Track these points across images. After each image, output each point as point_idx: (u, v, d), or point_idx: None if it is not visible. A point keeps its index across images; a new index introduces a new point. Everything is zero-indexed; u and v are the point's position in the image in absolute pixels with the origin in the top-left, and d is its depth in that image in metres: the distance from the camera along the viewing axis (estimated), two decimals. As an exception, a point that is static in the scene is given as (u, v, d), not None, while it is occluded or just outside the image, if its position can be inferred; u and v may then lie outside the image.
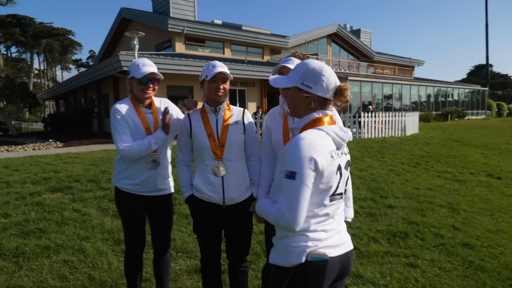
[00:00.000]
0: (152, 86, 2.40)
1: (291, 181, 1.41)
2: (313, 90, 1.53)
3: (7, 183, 5.72)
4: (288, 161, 1.44)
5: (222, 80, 2.23)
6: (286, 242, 1.51)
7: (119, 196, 2.44)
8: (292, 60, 2.24)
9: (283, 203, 1.44)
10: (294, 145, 1.44)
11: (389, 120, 13.84)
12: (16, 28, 51.96)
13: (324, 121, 1.55)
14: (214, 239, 2.38)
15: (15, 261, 3.25)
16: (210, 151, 2.23)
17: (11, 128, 24.44)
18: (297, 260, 1.47)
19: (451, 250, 3.82)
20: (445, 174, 7.78)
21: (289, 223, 1.42)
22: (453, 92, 32.08)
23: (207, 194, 2.26)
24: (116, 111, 2.33)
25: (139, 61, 2.39)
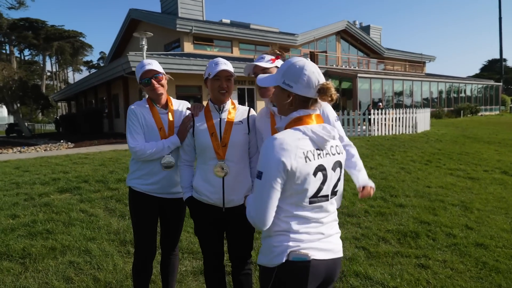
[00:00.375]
0: (157, 82, 2.35)
1: (258, 181, 1.44)
2: (293, 89, 1.50)
3: (17, 184, 5.78)
4: (259, 161, 1.46)
5: (226, 78, 2.16)
6: (269, 242, 1.52)
7: (133, 197, 2.41)
8: (263, 58, 2.15)
9: (251, 202, 1.50)
10: (265, 146, 1.45)
11: (400, 117, 13.63)
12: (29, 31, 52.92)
13: (306, 121, 1.50)
14: (216, 242, 2.32)
15: (21, 262, 3.26)
16: (212, 151, 2.17)
17: (24, 130, 24.86)
18: (278, 260, 1.46)
19: (464, 251, 3.71)
20: (458, 171, 7.60)
21: (255, 222, 1.47)
22: (465, 87, 31.51)
23: (206, 196, 2.19)
24: (130, 111, 2.35)
25: (139, 64, 2.38)
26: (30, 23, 52.65)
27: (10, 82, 21.70)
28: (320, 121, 1.55)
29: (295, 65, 1.50)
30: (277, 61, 2.11)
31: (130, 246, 3.62)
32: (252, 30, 23.80)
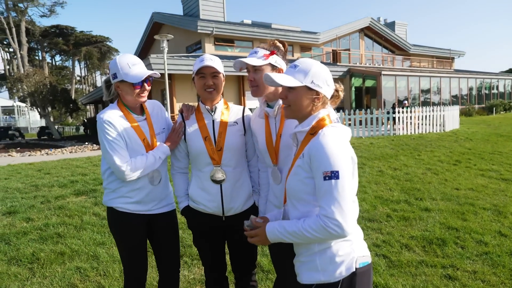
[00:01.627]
0: (147, 88, 2.00)
1: (335, 181, 1.29)
2: (322, 89, 1.48)
3: (36, 187, 5.87)
4: (325, 161, 1.31)
5: (211, 75, 1.95)
6: (330, 254, 1.37)
7: (116, 219, 2.04)
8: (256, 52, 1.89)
9: (329, 207, 1.29)
10: (324, 144, 1.34)
11: (427, 115, 13.06)
12: (59, 38, 54.99)
13: (328, 119, 1.50)
14: (217, 253, 2.15)
15: (29, 267, 3.23)
16: (207, 156, 1.98)
17: (54, 132, 25.74)
18: (347, 270, 1.36)
19: (496, 260, 3.38)
20: (490, 172, 7.12)
21: (343, 228, 1.28)
22: (498, 83, 30.01)
23: (203, 205, 2.02)
24: (107, 123, 1.90)
25: (125, 59, 1.95)
26: (61, 29, 54.68)
27: (41, 87, 22.50)
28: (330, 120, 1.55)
29: (319, 66, 1.50)
30: (271, 57, 1.87)
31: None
32: (274, 29, 23.61)
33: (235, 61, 1.93)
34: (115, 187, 2.02)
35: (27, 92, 22.07)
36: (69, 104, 26.25)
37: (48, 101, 23.79)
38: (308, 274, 1.41)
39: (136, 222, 2.05)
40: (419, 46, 32.55)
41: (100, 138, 1.95)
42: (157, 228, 2.15)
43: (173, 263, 2.24)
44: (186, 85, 17.04)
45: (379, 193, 5.54)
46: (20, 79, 22.26)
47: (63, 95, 25.45)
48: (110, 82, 2.05)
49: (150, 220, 2.12)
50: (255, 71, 1.85)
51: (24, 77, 22.14)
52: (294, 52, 24.41)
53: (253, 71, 1.86)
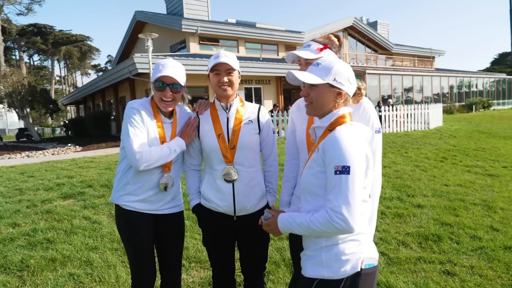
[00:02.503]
0: (171, 94, 1.96)
1: (345, 176, 1.30)
2: (345, 87, 1.48)
3: (20, 190, 5.64)
4: (337, 156, 1.32)
5: (226, 71, 1.93)
6: (337, 251, 1.37)
7: (124, 217, 2.00)
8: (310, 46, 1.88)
9: (337, 201, 1.29)
10: (340, 139, 1.35)
11: (412, 113, 13.28)
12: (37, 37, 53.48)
13: (348, 117, 1.49)
14: (226, 253, 2.10)
15: (19, 275, 3.07)
16: (220, 154, 1.95)
17: (34, 134, 24.99)
18: (353, 269, 1.35)
19: (491, 255, 3.43)
20: (475, 168, 7.27)
21: (348, 223, 1.28)
22: (477, 82, 30.86)
23: (215, 203, 1.99)
24: (134, 111, 1.93)
25: (162, 61, 1.99)
26: (39, 28, 53.20)
27: (20, 87, 21.79)
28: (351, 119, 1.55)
29: (342, 64, 1.49)
30: (324, 51, 1.83)
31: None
32: (258, 29, 23.56)
33: (287, 54, 1.93)
34: (123, 182, 2.00)
35: (4, 93, 21.32)
36: (49, 105, 25.52)
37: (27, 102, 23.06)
38: (312, 268, 1.42)
39: (143, 221, 2.00)
40: (401, 45, 33.13)
41: (124, 123, 1.94)
42: (164, 229, 2.10)
43: (176, 266, 2.19)
44: (171, 85, 16.80)
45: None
46: (-3, 80, 21.49)
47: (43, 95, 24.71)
48: None
49: (157, 220, 2.06)
50: (306, 65, 1.83)
51: (0, 77, 21.40)
52: (279, 51, 24.44)
53: (305, 64, 1.85)
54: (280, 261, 3.30)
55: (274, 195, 2.13)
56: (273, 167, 2.11)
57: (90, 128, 20.88)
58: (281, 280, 2.99)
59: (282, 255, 3.42)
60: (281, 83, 19.88)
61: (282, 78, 19.60)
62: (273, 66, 18.19)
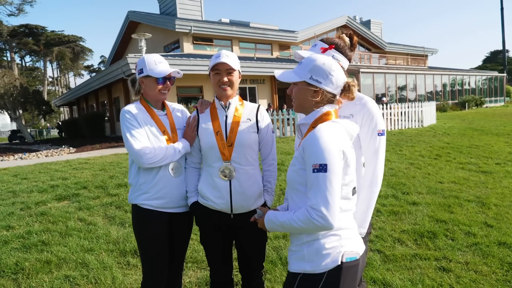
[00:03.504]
0: (169, 85, 2.11)
1: (322, 174, 1.31)
2: (322, 85, 1.48)
3: (13, 193, 5.58)
4: (315, 154, 1.33)
5: (226, 71, 1.97)
6: (317, 245, 1.39)
7: (141, 217, 2.04)
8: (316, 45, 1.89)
9: (316, 199, 1.31)
10: (317, 137, 1.35)
11: (405, 111, 13.36)
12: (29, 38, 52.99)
13: (334, 115, 1.51)
14: (223, 252, 2.11)
15: (14, 278, 3.04)
16: (217, 151, 1.97)
17: (27, 136, 24.77)
18: (333, 263, 1.37)
19: (486, 251, 3.46)
20: (469, 165, 7.34)
21: (327, 220, 1.30)
22: (469, 80, 31.12)
23: (212, 201, 1.99)
24: (128, 113, 2.01)
25: (152, 57, 2.07)
26: (30, 29, 52.71)
27: (11, 89, 21.57)
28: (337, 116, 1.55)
29: (322, 61, 1.49)
30: (329, 51, 1.82)
31: (130, 256, 3.41)
32: (252, 28, 23.55)
33: (294, 53, 1.94)
34: (139, 182, 2.05)
35: (-4, 95, 21.10)
36: (42, 106, 25.32)
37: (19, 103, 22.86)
38: (295, 263, 1.44)
39: (161, 221, 2.05)
40: (394, 44, 33.32)
41: (122, 131, 2.01)
42: (176, 227, 2.14)
43: (180, 265, 2.22)
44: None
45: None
46: (-11, 81, 21.26)
47: (35, 97, 24.51)
48: (135, 80, 2.17)
49: (172, 219, 2.11)
50: None
51: (-8, 79, 21.17)
52: (273, 50, 24.45)
53: None
54: (277, 260, 3.31)
55: (272, 195, 2.13)
56: (272, 167, 2.12)
57: (84, 129, 20.73)
58: (278, 279, 2.99)
59: (278, 254, 3.43)
60: (275, 83, 19.90)
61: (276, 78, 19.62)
62: (267, 65, 18.19)
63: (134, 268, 3.20)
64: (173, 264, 2.18)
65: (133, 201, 2.07)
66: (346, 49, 1.87)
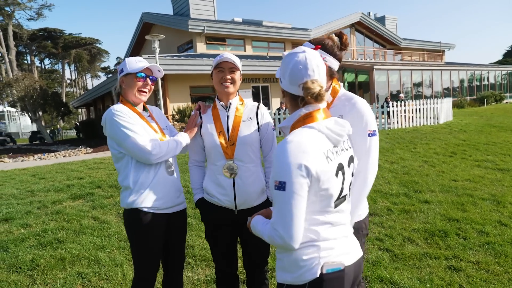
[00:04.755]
0: (150, 85, 2.07)
1: (281, 193, 1.23)
2: (282, 84, 1.40)
3: (31, 192, 5.77)
4: (276, 170, 1.25)
5: (229, 70, 2.05)
6: (295, 256, 1.32)
7: (139, 221, 1.96)
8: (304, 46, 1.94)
9: (276, 218, 1.26)
10: (280, 151, 1.25)
11: (420, 108, 13.13)
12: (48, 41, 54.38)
13: (316, 117, 1.34)
14: (228, 248, 2.16)
15: (30, 274, 3.16)
16: (220, 150, 2.05)
17: (46, 137, 25.43)
18: (311, 275, 1.29)
19: (499, 250, 3.39)
20: (486, 163, 7.17)
21: (285, 240, 1.24)
22: (488, 75, 30.31)
23: (217, 197, 2.07)
24: (119, 113, 1.92)
25: (133, 57, 2.11)
26: (49, 32, 54.08)
27: (32, 91, 22.19)
28: (328, 115, 1.39)
29: (287, 57, 1.38)
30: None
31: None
32: (265, 27, 23.54)
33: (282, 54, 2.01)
34: (138, 187, 1.97)
35: (17, 97, 21.75)
36: (61, 108, 25.93)
37: (39, 105, 23.48)
38: (279, 273, 1.39)
39: (159, 223, 2.03)
40: (409, 40, 32.73)
41: (113, 129, 1.91)
42: (172, 227, 2.15)
43: (180, 262, 2.24)
44: (179, 86, 16.93)
45: (378, 187, 5.55)
46: (10, 84, 21.91)
47: (54, 98, 25.13)
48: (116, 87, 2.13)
49: (168, 220, 2.11)
50: None
51: (13, 82, 21.81)
52: (286, 49, 24.38)
53: None
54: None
55: None
56: None
57: (100, 130, 21.11)
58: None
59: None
60: (288, 81, 19.83)
61: (289, 76, 19.57)
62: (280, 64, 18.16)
63: (145, 265, 3.27)
64: (170, 261, 2.19)
65: (130, 206, 1.97)
66: (334, 48, 1.82)
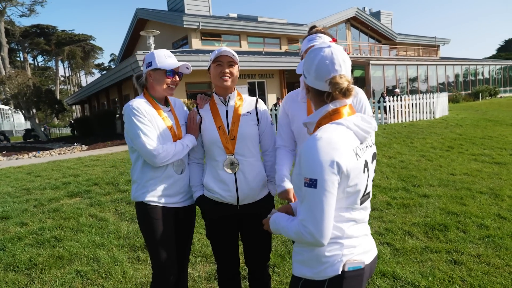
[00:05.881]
0: (177, 80, 2.10)
1: (312, 190, 1.21)
2: (307, 80, 1.36)
3: (27, 190, 5.69)
4: (306, 167, 1.23)
5: (228, 64, 2.01)
6: (317, 252, 1.32)
7: (148, 213, 2.00)
8: (320, 38, 1.94)
9: (306, 215, 1.24)
10: (310, 147, 1.23)
11: (417, 103, 13.16)
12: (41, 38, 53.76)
13: (343, 113, 1.32)
14: (230, 245, 2.13)
15: (27, 273, 3.11)
16: (221, 145, 2.01)
17: (40, 134, 25.20)
18: (333, 271, 1.30)
19: (499, 243, 3.40)
20: (482, 157, 7.20)
21: (315, 238, 1.23)
22: (483, 69, 30.47)
23: (219, 194, 2.03)
24: (136, 110, 1.94)
25: (162, 51, 2.07)
26: (42, 29, 53.49)
27: (25, 89, 21.94)
28: (353, 111, 1.37)
29: (311, 52, 1.34)
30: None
31: (140, 251, 3.45)
32: (260, 22, 23.42)
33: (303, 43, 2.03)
34: (146, 178, 2.02)
35: (10, 94, 21.49)
36: (55, 105, 25.66)
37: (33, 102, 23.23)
38: (297, 267, 1.39)
39: (168, 217, 2.05)
40: (405, 35, 32.77)
41: (129, 125, 1.96)
42: (180, 221, 2.15)
43: (185, 258, 2.23)
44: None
45: (376, 182, 5.54)
46: (2, 81, 21.64)
47: (48, 96, 24.86)
48: (141, 76, 2.13)
49: (177, 214, 2.11)
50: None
51: (6, 79, 21.54)
52: (281, 44, 24.31)
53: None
54: (286, 254, 3.31)
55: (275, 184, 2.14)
56: (273, 157, 2.14)
57: (95, 127, 21.00)
58: (286, 272, 3.00)
59: (287, 248, 3.43)
60: (284, 77, 19.79)
61: (285, 72, 19.52)
62: (276, 59, 18.10)
63: (144, 262, 3.24)
64: (179, 258, 2.19)
65: (138, 199, 2.04)
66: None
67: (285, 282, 2.86)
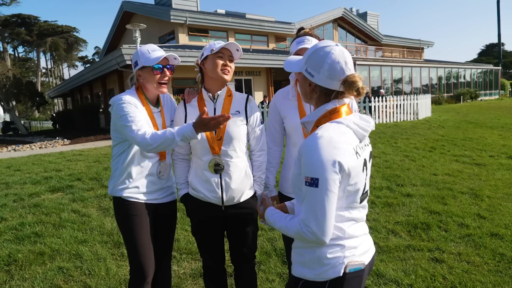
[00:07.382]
0: (168, 75, 1.98)
1: (314, 189, 1.21)
2: (314, 79, 1.32)
3: (6, 184, 5.54)
4: (307, 166, 1.22)
5: (229, 57, 1.94)
6: (319, 253, 1.31)
7: (127, 210, 1.94)
8: (309, 40, 1.95)
9: (307, 214, 1.23)
10: (311, 146, 1.22)
11: (401, 104, 13.39)
12: (22, 28, 52.17)
13: (342, 112, 1.32)
14: (215, 243, 2.10)
15: (6, 269, 3.02)
16: (206, 144, 1.93)
17: (20, 128, 24.53)
18: (334, 273, 1.30)
19: (478, 242, 3.50)
20: (463, 158, 7.39)
21: (318, 237, 1.22)
22: (464, 73, 31.21)
23: (203, 193, 1.98)
24: (126, 102, 1.86)
25: (146, 47, 1.96)
26: (23, 19, 51.86)
27: (4, 80, 21.32)
28: (351, 111, 1.37)
29: (320, 51, 1.31)
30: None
31: (123, 248, 3.40)
32: (248, 19, 23.36)
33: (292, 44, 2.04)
34: (126, 171, 1.94)
35: (-11, 86, 20.84)
36: (35, 98, 25.04)
37: (12, 94, 22.60)
38: (297, 268, 1.38)
39: (145, 212, 1.98)
40: (390, 36, 33.25)
41: (118, 112, 1.85)
42: (160, 217, 2.10)
43: (167, 254, 2.19)
44: (161, 77, 16.56)
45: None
46: (-19, 72, 20.97)
47: (29, 88, 24.23)
48: (133, 77, 2.03)
49: (156, 210, 2.06)
50: None
51: (-16, 70, 20.87)
52: (269, 42, 24.30)
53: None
54: (272, 251, 3.32)
55: (262, 184, 2.12)
56: (262, 157, 2.10)
57: (78, 121, 20.58)
58: (272, 270, 3.00)
59: (273, 245, 3.44)
60: (271, 75, 19.81)
61: (272, 70, 19.54)
62: (263, 57, 18.09)
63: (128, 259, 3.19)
64: (161, 254, 2.15)
65: (116, 194, 1.97)
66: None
67: (270, 279, 2.86)
